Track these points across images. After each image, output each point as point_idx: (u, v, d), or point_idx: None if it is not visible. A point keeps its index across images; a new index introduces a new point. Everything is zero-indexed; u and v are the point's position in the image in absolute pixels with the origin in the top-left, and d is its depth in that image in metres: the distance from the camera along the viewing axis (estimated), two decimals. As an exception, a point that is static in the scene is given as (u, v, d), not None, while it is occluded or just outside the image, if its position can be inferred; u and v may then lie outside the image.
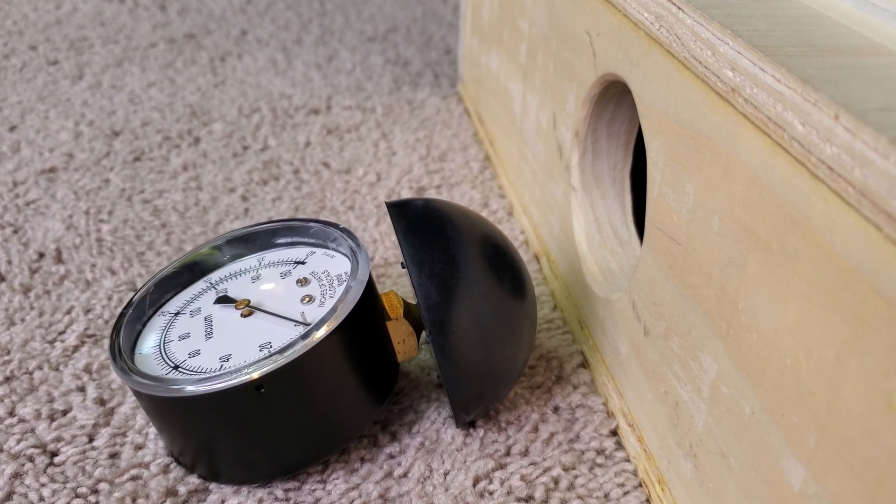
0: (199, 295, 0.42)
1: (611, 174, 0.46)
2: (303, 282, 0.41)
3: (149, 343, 0.39)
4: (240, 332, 0.38)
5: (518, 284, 0.38)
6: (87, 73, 0.85)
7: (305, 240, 0.44)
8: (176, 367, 0.37)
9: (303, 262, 0.42)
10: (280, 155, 0.69)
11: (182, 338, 0.39)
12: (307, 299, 0.39)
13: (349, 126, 0.75)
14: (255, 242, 0.44)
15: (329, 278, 0.40)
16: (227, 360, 0.36)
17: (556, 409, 0.42)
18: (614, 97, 0.43)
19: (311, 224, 0.43)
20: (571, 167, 0.46)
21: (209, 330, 0.39)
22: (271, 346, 0.37)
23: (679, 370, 0.33)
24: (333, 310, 0.36)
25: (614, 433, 0.41)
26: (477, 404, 0.38)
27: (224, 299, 0.40)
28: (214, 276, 0.43)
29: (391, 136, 0.73)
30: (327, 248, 0.43)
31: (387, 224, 0.59)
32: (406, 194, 0.63)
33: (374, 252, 0.56)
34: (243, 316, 0.39)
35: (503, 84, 0.63)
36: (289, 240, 0.44)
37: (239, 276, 0.43)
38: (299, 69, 0.88)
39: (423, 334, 0.43)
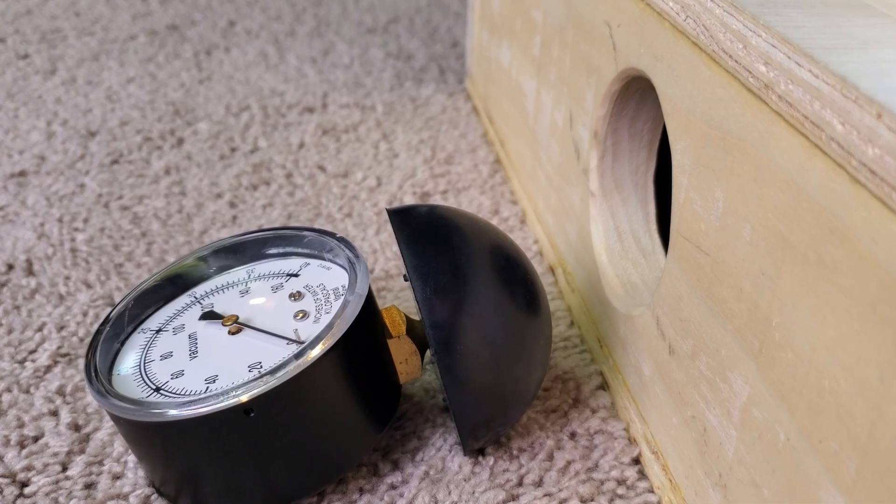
0: (182, 310, 0.42)
1: (633, 178, 0.46)
2: (296, 296, 0.40)
3: (128, 363, 0.39)
4: (227, 351, 0.38)
5: (531, 299, 0.38)
6: (60, 67, 0.85)
7: (299, 250, 0.43)
8: (157, 390, 0.37)
9: (296, 275, 0.42)
10: (271, 157, 0.69)
11: (164, 357, 0.39)
12: (301, 315, 0.39)
13: (347, 126, 0.75)
14: (244, 253, 0.44)
15: (325, 292, 0.40)
16: (214, 381, 0.36)
17: (572, 435, 0.42)
18: (636, 94, 0.43)
19: (306, 233, 0.43)
20: (590, 170, 0.47)
21: (194, 349, 0.39)
22: (262, 367, 0.37)
23: (707, 392, 0.34)
24: (329, 326, 0.36)
25: (636, 461, 0.41)
26: (486, 430, 0.39)
27: (210, 315, 0.40)
28: (199, 290, 0.43)
29: (393, 136, 0.73)
30: (323, 258, 0.43)
31: (388, 233, 0.59)
32: (409, 200, 0.63)
33: (373, 264, 0.56)
34: (231, 333, 0.39)
35: (515, 80, 0.63)
36: (281, 250, 0.44)
37: (226, 289, 0.42)
38: (292, 63, 0.88)
39: (428, 353, 0.43)
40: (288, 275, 0.42)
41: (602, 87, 0.44)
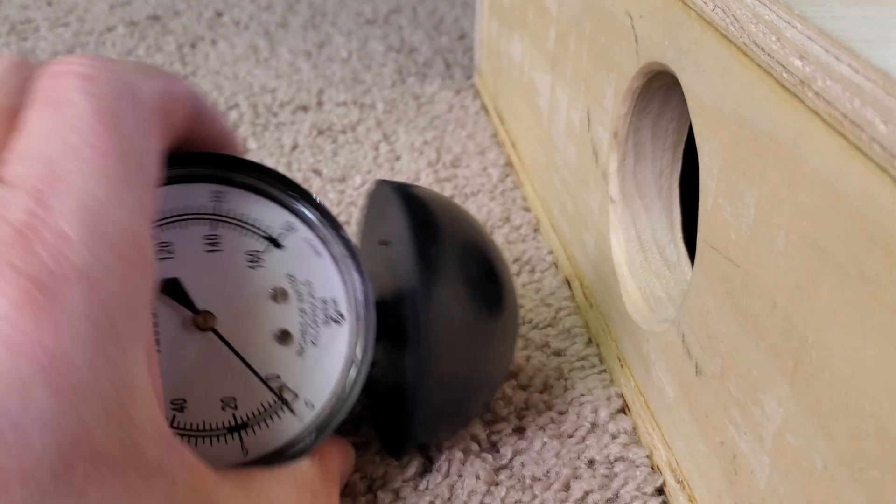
0: None
1: (656, 182, 0.46)
2: (279, 296, 0.37)
3: None
4: (195, 361, 0.36)
5: (498, 289, 0.40)
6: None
7: (286, 201, 0.37)
8: None
9: (278, 244, 0.37)
10: (262, 159, 0.69)
11: None
12: (282, 337, 0.37)
13: (344, 126, 0.75)
14: (215, 164, 0.36)
15: (312, 303, 0.37)
16: (182, 409, 0.35)
17: (590, 463, 0.42)
18: (660, 91, 0.43)
19: (294, 190, 0.37)
20: (609, 174, 0.47)
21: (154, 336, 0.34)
22: (236, 408, 0.36)
23: (737, 416, 0.34)
24: (319, 430, 0.36)
25: (660, 492, 0.41)
26: (444, 423, 0.40)
27: (174, 291, 0.36)
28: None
29: (394, 137, 0.74)
30: (312, 229, 0.37)
31: (388, 242, 0.59)
32: (411, 206, 0.63)
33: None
34: (199, 328, 0.36)
35: (528, 75, 0.63)
36: (263, 186, 0.37)
37: (187, 225, 0.36)
38: (284, 58, 0.88)
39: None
40: (268, 238, 0.37)
41: (623, 84, 0.44)
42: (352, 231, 0.60)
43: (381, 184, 0.41)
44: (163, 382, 0.33)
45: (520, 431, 0.43)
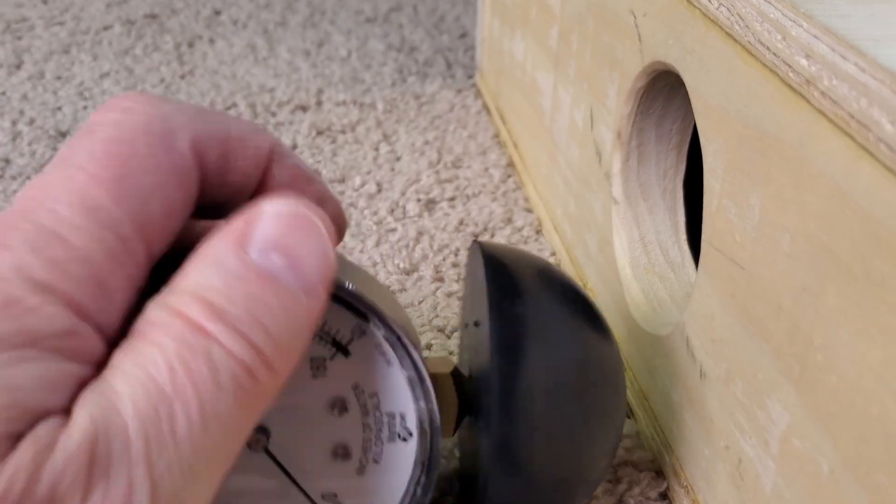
0: None
1: (660, 183, 0.46)
2: (338, 407, 0.34)
3: None
4: (244, 480, 0.33)
5: (609, 359, 0.36)
6: (26, 60, 0.86)
7: (354, 301, 0.33)
8: None
9: (346, 350, 0.34)
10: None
11: None
12: (340, 453, 0.34)
13: (343, 125, 0.75)
14: None
15: (378, 416, 0.34)
16: None
17: (593, 469, 0.42)
18: (664, 90, 0.43)
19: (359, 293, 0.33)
20: (612, 175, 0.47)
21: None
22: None
23: (742, 420, 0.34)
24: None
25: (664, 496, 0.41)
26: None
27: None
28: None
29: (394, 137, 0.74)
30: (380, 334, 0.33)
31: (389, 244, 0.59)
32: (412, 206, 0.63)
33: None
34: (250, 449, 0.33)
35: (530, 74, 0.63)
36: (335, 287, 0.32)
37: None
38: (283, 57, 0.88)
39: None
40: (336, 344, 0.33)
41: (626, 83, 0.44)
42: (351, 233, 0.60)
43: (475, 247, 0.37)
44: None
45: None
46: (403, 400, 0.34)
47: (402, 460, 0.34)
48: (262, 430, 0.33)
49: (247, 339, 0.25)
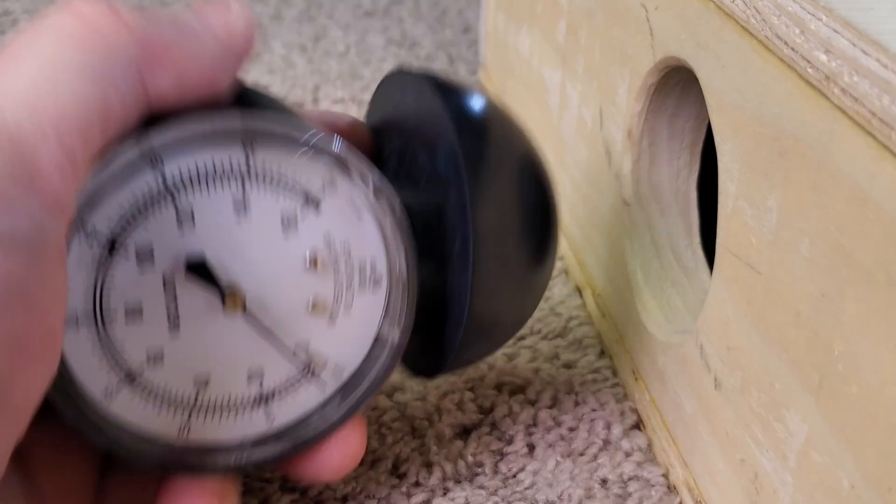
0: (145, 207, 0.32)
1: (672, 185, 0.46)
2: (313, 263, 0.35)
3: (73, 295, 0.32)
4: (220, 337, 0.35)
5: (544, 192, 0.41)
6: (11, 56, 0.86)
7: (327, 149, 0.34)
8: (129, 378, 0.33)
9: (316, 203, 0.34)
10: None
11: (131, 314, 0.33)
12: (315, 307, 0.36)
13: (341, 123, 0.75)
14: (246, 113, 0.33)
15: (349, 265, 0.36)
16: (206, 385, 0.35)
17: (603, 482, 0.42)
18: (677, 87, 0.43)
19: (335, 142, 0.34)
20: (623, 176, 0.47)
21: (173, 314, 0.34)
22: (262, 381, 0.35)
23: (759, 433, 0.34)
24: (351, 407, 0.36)
25: (677, 514, 0.41)
26: (486, 339, 0.40)
27: (199, 270, 0.33)
28: (171, 165, 0.32)
29: (394, 136, 0.74)
30: (352, 179, 0.35)
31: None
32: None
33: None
34: (225, 308, 0.34)
35: (536, 71, 0.63)
36: (298, 135, 0.33)
37: (215, 186, 0.33)
38: (278, 52, 0.89)
39: None
40: (306, 197, 0.34)
41: (637, 80, 0.44)
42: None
43: (400, 75, 0.39)
44: (186, 359, 0.34)
45: (529, 449, 0.43)
46: (374, 246, 0.36)
47: (373, 308, 0.36)
48: (236, 291, 0.34)
49: None
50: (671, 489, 0.42)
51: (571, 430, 0.45)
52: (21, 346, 0.26)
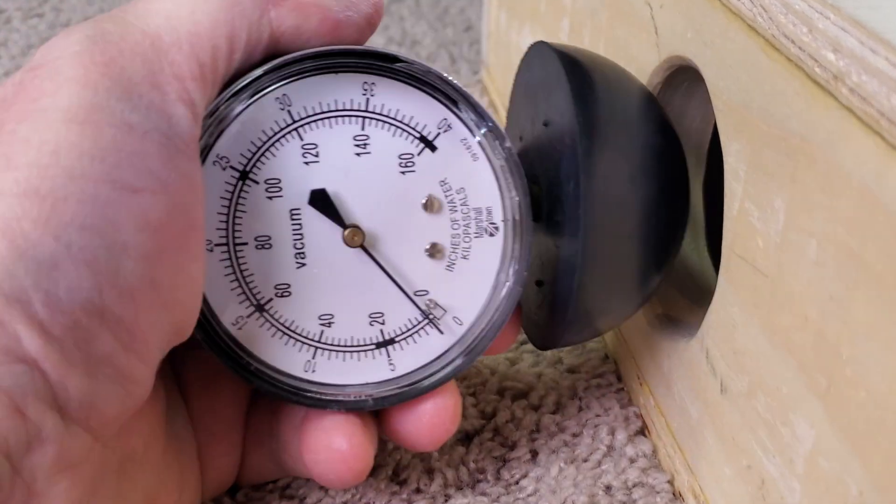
0: (273, 138, 0.36)
1: (678, 186, 0.46)
2: (430, 206, 0.37)
3: (209, 216, 0.35)
4: (343, 276, 0.37)
5: (667, 162, 0.39)
6: (2, 55, 0.86)
7: (441, 96, 0.37)
8: (259, 308, 0.37)
9: (432, 145, 0.37)
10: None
11: (261, 244, 0.36)
12: (433, 252, 0.38)
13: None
14: (363, 53, 0.36)
15: (466, 213, 0.38)
16: (329, 325, 0.37)
17: (608, 489, 0.42)
18: (682, 87, 0.43)
19: (450, 85, 0.36)
20: (627, 177, 0.47)
21: (299, 249, 0.37)
22: (383, 327, 0.37)
23: (766, 438, 0.34)
24: (468, 356, 0.38)
25: (683, 521, 0.41)
26: (600, 316, 0.40)
27: (321, 202, 0.36)
28: (298, 103, 0.36)
29: (394, 136, 0.73)
30: (470, 131, 0.37)
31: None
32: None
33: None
34: (346, 244, 0.37)
35: (539, 70, 0.63)
36: (416, 78, 0.36)
37: (337, 122, 0.36)
38: (276, 50, 0.88)
39: None
40: (422, 138, 0.37)
41: (642, 79, 0.44)
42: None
43: (541, 47, 0.39)
44: (310, 297, 0.37)
45: (532, 455, 0.43)
46: (490, 193, 0.38)
47: (490, 255, 0.38)
48: (357, 228, 0.37)
49: None
50: (676, 496, 0.42)
51: (575, 435, 0.45)
52: (160, 229, 0.30)
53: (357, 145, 0.36)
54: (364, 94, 0.36)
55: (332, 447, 0.37)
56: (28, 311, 0.28)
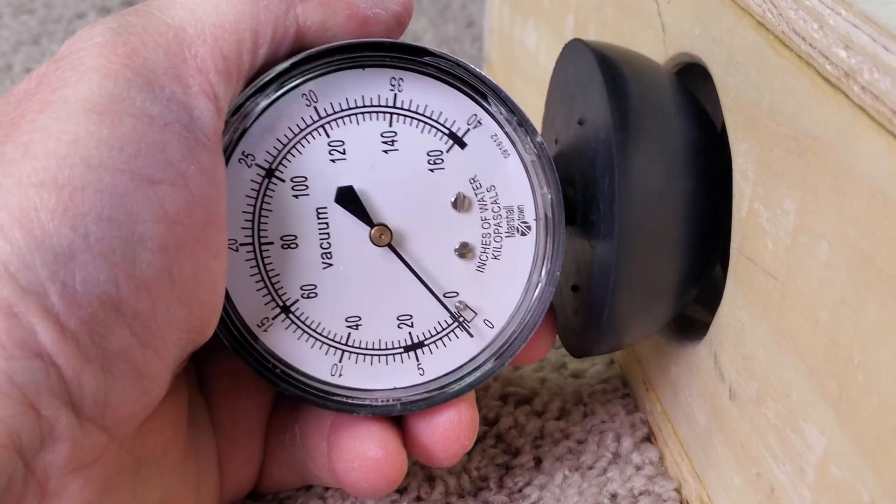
0: (299, 136, 0.36)
1: (685, 186, 0.46)
2: (460, 204, 0.37)
3: (234, 215, 0.36)
4: (371, 277, 0.37)
5: (705, 165, 0.38)
6: (-6, 51, 0.86)
7: (470, 91, 0.37)
8: (285, 310, 0.37)
9: (462, 142, 0.37)
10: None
11: (287, 243, 0.37)
12: (462, 252, 0.38)
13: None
14: (392, 49, 0.36)
15: (497, 211, 0.38)
16: (357, 327, 0.37)
17: (613, 497, 0.42)
18: (690, 84, 0.43)
19: (480, 80, 0.37)
20: (633, 177, 0.47)
21: (326, 249, 0.37)
22: (412, 330, 0.37)
23: (776, 445, 0.34)
24: (500, 360, 0.38)
25: (690, 530, 0.41)
26: (636, 323, 0.39)
27: (349, 200, 0.37)
28: (325, 99, 0.36)
29: (394, 135, 0.73)
30: (501, 127, 0.38)
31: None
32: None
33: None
34: (374, 244, 0.37)
35: (544, 67, 0.63)
36: (446, 68, 0.37)
37: (365, 118, 0.37)
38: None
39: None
40: (451, 135, 0.37)
41: (648, 77, 0.44)
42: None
43: (576, 44, 0.40)
44: (337, 298, 0.37)
45: (535, 463, 0.43)
46: (521, 192, 0.38)
47: (522, 256, 0.38)
48: (385, 227, 0.37)
49: None
50: (684, 504, 0.42)
51: (580, 442, 0.45)
52: (179, 221, 0.31)
53: (385, 142, 0.37)
54: (392, 90, 0.36)
55: (367, 455, 0.36)
56: (44, 304, 0.28)
